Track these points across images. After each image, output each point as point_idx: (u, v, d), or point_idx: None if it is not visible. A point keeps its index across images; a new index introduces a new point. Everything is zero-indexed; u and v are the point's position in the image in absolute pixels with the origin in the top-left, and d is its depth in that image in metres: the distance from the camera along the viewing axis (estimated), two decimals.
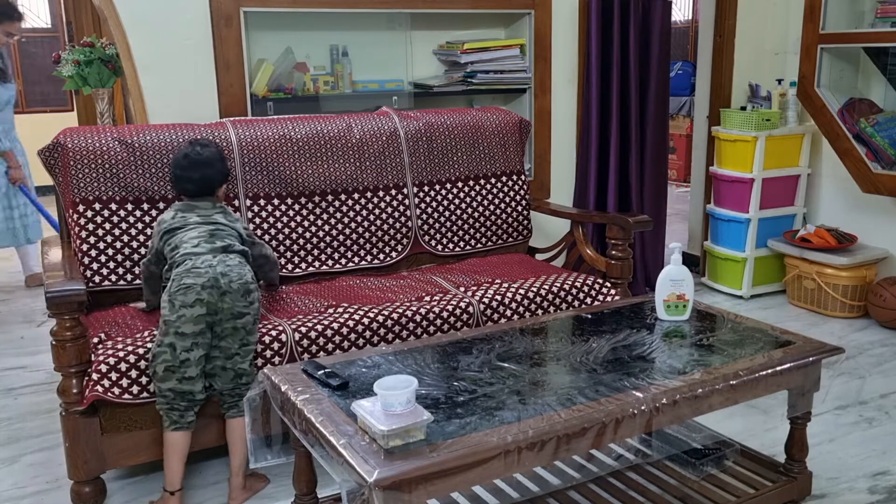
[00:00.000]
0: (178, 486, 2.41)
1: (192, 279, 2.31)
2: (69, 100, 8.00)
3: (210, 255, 2.38)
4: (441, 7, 3.67)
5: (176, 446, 2.37)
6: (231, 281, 2.34)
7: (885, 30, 3.82)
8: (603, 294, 3.06)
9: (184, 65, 3.25)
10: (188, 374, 2.32)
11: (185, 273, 2.33)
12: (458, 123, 3.42)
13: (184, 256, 2.38)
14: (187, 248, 2.40)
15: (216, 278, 2.32)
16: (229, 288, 2.33)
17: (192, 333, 2.30)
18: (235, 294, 2.34)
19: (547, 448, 1.75)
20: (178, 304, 2.30)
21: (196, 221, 2.50)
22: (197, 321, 2.30)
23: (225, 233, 2.49)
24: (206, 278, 2.31)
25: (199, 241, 2.43)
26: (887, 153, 3.91)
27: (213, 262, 2.35)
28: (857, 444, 2.83)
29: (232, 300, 2.34)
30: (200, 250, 2.39)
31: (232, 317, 2.35)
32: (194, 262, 2.35)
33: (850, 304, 4.09)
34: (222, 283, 2.32)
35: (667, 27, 4.14)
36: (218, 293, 2.32)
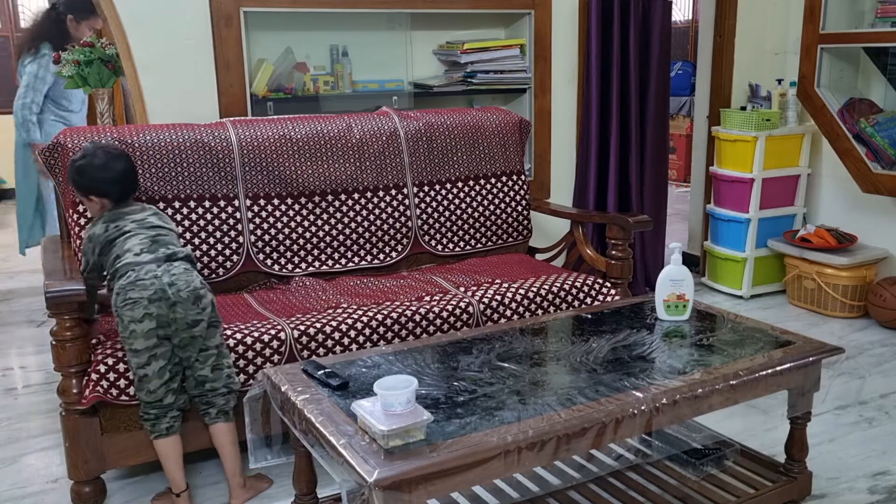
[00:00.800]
0: (182, 487, 2.42)
1: (137, 293, 2.22)
2: None
3: (154, 265, 2.28)
4: (441, 7, 3.67)
5: (164, 453, 2.37)
6: (179, 290, 2.25)
7: (885, 30, 3.82)
8: (603, 294, 3.06)
9: (184, 65, 3.25)
10: (150, 387, 2.29)
11: (129, 286, 2.23)
12: (458, 123, 3.42)
13: (126, 266, 2.27)
14: (128, 258, 2.29)
15: (163, 289, 2.23)
16: (178, 297, 2.25)
17: (144, 349, 2.25)
18: (186, 303, 2.26)
19: (547, 448, 1.75)
20: (126, 319, 2.23)
21: (133, 228, 2.38)
22: (148, 336, 2.24)
23: (166, 238, 2.40)
24: (153, 290, 2.22)
25: (141, 248, 2.32)
26: (887, 153, 3.91)
27: (157, 273, 2.26)
28: (857, 444, 2.83)
29: (184, 309, 2.26)
30: (143, 259, 2.29)
31: (186, 326, 2.28)
32: (138, 274, 2.24)
33: (850, 304, 4.09)
34: (170, 293, 2.24)
35: (667, 27, 4.14)
36: (167, 304, 2.23)
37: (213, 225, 2.93)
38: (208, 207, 2.93)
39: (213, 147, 2.95)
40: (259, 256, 3.01)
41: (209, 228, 2.92)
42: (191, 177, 2.91)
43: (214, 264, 2.92)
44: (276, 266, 3.04)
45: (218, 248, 2.93)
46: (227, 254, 2.94)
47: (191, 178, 2.91)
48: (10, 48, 8.11)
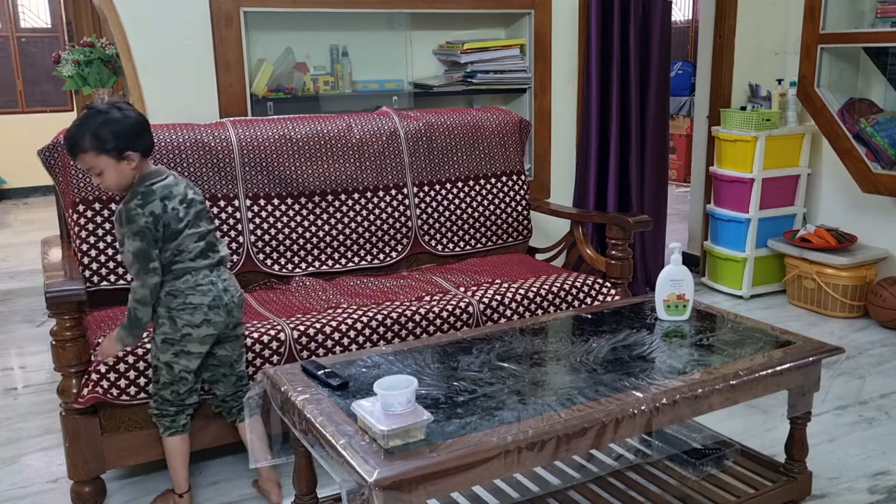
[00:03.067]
0: (185, 488, 2.42)
1: (197, 298, 2.23)
2: (69, 100, 8.00)
3: (207, 270, 2.27)
4: (441, 7, 3.67)
5: (175, 450, 2.37)
6: (233, 296, 2.32)
7: (885, 30, 3.82)
8: (603, 294, 3.06)
9: (184, 65, 3.25)
10: (181, 388, 2.31)
11: (188, 290, 2.22)
12: (458, 123, 3.42)
13: (183, 269, 2.23)
14: (185, 262, 2.23)
15: (220, 296, 2.27)
16: (233, 303, 2.32)
17: (197, 353, 2.29)
18: (238, 308, 2.35)
19: (547, 448, 1.75)
20: (181, 322, 2.22)
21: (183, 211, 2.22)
22: (204, 341, 2.28)
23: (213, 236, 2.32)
24: (211, 297, 2.25)
25: (195, 253, 2.24)
26: (887, 153, 3.90)
27: (213, 279, 2.27)
28: (857, 444, 2.83)
29: (238, 314, 2.36)
30: (198, 265, 2.25)
31: (234, 326, 2.36)
32: (196, 278, 2.24)
33: (850, 304, 4.09)
34: (226, 299, 2.28)
35: (667, 27, 4.14)
36: (225, 311, 2.29)
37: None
38: (208, 207, 2.92)
39: (213, 147, 2.95)
40: (259, 256, 3.01)
41: None
42: (191, 177, 2.91)
43: None
44: (276, 266, 3.03)
45: None
46: None
47: (191, 178, 2.90)
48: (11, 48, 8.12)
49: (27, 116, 8.17)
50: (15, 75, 8.17)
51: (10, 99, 8.18)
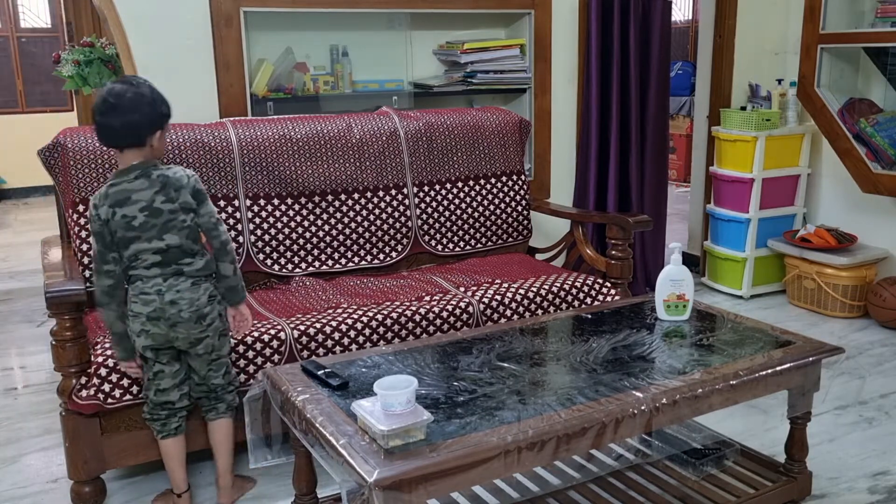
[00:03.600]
0: (184, 488, 2.43)
1: (139, 307, 2.20)
2: (69, 100, 8.00)
3: (160, 279, 2.19)
4: (441, 7, 3.67)
5: (170, 452, 2.38)
6: (181, 310, 2.19)
7: (885, 30, 3.82)
8: (603, 294, 3.06)
9: (184, 65, 3.25)
10: (162, 385, 2.30)
11: (134, 297, 2.21)
12: (458, 123, 3.42)
13: (135, 276, 2.20)
14: (138, 269, 2.19)
15: (163, 308, 2.18)
16: (179, 318, 2.19)
17: (150, 358, 2.27)
18: (187, 323, 2.21)
19: (547, 448, 1.75)
20: (136, 328, 2.22)
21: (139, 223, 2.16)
22: (144, 350, 2.25)
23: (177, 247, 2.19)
24: (153, 308, 2.18)
25: (150, 260, 2.18)
26: (887, 153, 3.90)
27: (161, 288, 2.18)
28: (857, 444, 2.83)
29: (186, 329, 2.22)
30: (151, 274, 2.19)
31: (189, 344, 2.26)
32: (143, 287, 2.19)
33: (850, 304, 4.09)
34: (170, 312, 2.18)
35: (667, 27, 4.14)
36: (167, 325, 2.19)
37: None
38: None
39: (213, 147, 2.95)
40: (259, 256, 3.01)
41: None
42: None
43: None
44: (276, 266, 3.03)
45: None
46: None
47: None
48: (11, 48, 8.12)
49: (27, 116, 8.18)
50: (15, 75, 8.17)
51: (10, 99, 8.18)
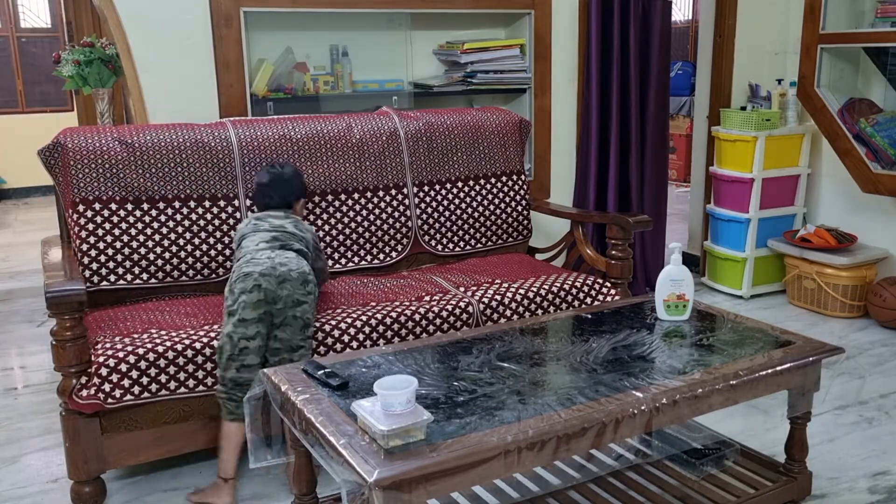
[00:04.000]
0: (231, 475, 2.44)
1: (250, 268, 2.40)
2: (69, 100, 8.00)
3: (267, 250, 2.48)
4: (441, 7, 3.67)
5: (232, 437, 2.41)
6: (290, 270, 2.42)
7: (885, 30, 3.82)
8: (603, 294, 3.06)
9: (184, 65, 3.25)
10: (247, 361, 2.36)
11: (244, 263, 2.43)
12: (458, 123, 3.42)
13: (245, 252, 2.50)
14: (249, 247, 2.52)
15: (274, 267, 2.40)
16: (288, 276, 2.40)
17: (252, 319, 2.36)
18: (294, 282, 2.41)
19: (547, 448, 1.75)
20: (237, 290, 2.38)
21: (265, 229, 2.60)
22: (256, 306, 2.36)
23: (287, 239, 2.57)
24: (264, 266, 2.39)
25: (260, 241, 2.54)
26: (887, 153, 3.90)
27: (271, 255, 2.45)
28: (857, 444, 2.83)
29: (291, 287, 2.41)
30: (261, 247, 2.50)
31: (292, 304, 2.41)
32: (253, 255, 2.45)
33: (850, 304, 4.09)
34: (280, 271, 2.40)
35: (667, 27, 4.14)
36: (276, 280, 2.38)
37: (213, 225, 2.92)
38: (208, 207, 2.93)
39: (213, 147, 2.95)
40: None
41: (209, 228, 2.92)
42: (191, 177, 2.91)
43: (214, 264, 2.92)
44: None
45: (218, 248, 2.93)
46: (227, 254, 2.94)
47: (191, 178, 2.91)
48: (11, 48, 8.13)
49: (27, 116, 8.18)
50: (15, 75, 8.17)
51: (10, 99, 8.18)
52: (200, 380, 2.44)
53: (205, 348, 2.45)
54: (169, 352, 2.41)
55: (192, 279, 2.90)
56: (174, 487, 2.61)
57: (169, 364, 2.40)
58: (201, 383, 2.45)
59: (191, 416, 2.48)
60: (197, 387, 2.44)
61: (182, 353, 2.42)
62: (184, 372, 2.42)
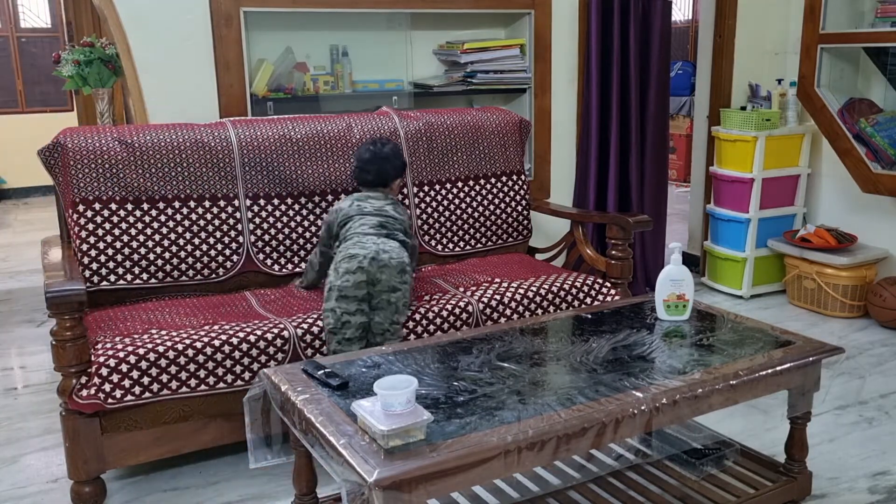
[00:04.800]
0: None
1: (356, 250, 2.60)
2: (69, 100, 8.00)
3: (374, 236, 2.67)
4: (441, 7, 3.67)
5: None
6: (391, 258, 2.60)
7: (885, 30, 3.82)
8: (603, 294, 3.06)
9: (184, 65, 3.25)
10: (347, 335, 2.55)
11: (350, 245, 2.64)
12: (458, 123, 3.42)
13: (352, 234, 2.69)
14: (356, 230, 2.70)
15: (377, 252, 2.59)
16: (388, 263, 2.59)
17: (353, 297, 2.56)
18: (392, 270, 2.59)
19: (547, 448, 1.75)
20: (342, 270, 2.58)
21: (369, 212, 2.77)
22: (358, 286, 2.56)
23: (392, 226, 2.76)
24: (369, 250, 2.59)
25: (367, 226, 2.71)
26: (887, 153, 3.91)
27: (376, 241, 2.64)
28: (857, 444, 2.83)
29: (389, 274, 2.58)
30: (368, 232, 2.69)
31: (388, 289, 2.59)
32: (360, 239, 2.65)
33: (850, 304, 4.09)
34: (382, 257, 2.59)
35: (667, 27, 4.14)
36: (377, 265, 2.57)
37: (213, 225, 2.93)
38: (208, 207, 2.93)
39: (213, 147, 2.95)
40: (259, 256, 3.01)
41: (209, 228, 2.92)
42: (191, 177, 2.91)
43: (214, 264, 2.92)
44: (276, 266, 3.03)
45: (218, 248, 2.93)
46: (227, 254, 2.94)
47: (191, 178, 2.91)
48: (11, 48, 8.13)
49: (27, 116, 8.18)
50: (15, 75, 8.17)
51: (10, 99, 8.18)
52: (202, 379, 2.44)
53: (205, 347, 2.45)
54: (169, 351, 2.41)
55: (192, 279, 2.90)
56: (174, 487, 2.61)
57: (170, 364, 2.40)
58: (203, 383, 2.45)
59: (191, 416, 2.48)
60: (198, 386, 2.44)
61: (183, 353, 2.42)
62: (185, 371, 2.42)
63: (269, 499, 2.54)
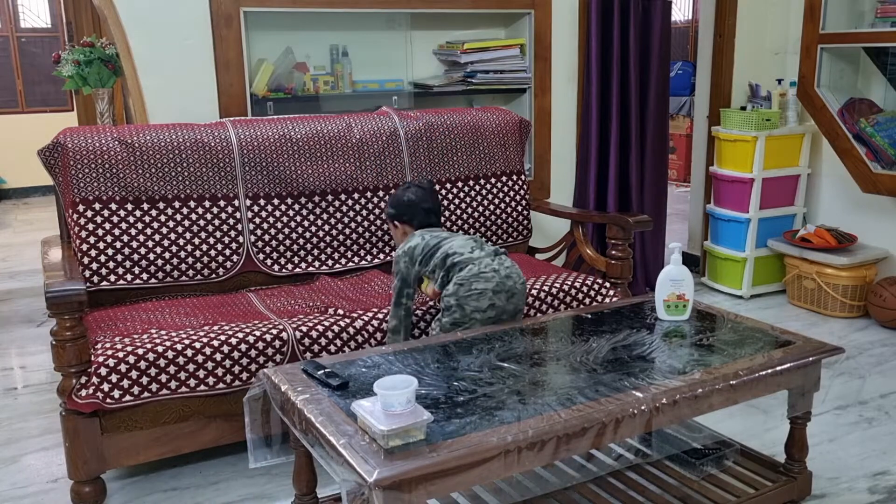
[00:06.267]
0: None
1: (482, 284, 2.40)
2: (69, 100, 8.01)
3: (489, 259, 2.46)
4: (441, 7, 3.67)
5: None
6: (515, 283, 2.46)
7: (885, 30, 3.82)
8: (603, 294, 3.06)
9: (184, 65, 3.25)
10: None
11: (473, 278, 2.41)
12: (458, 123, 3.42)
13: (465, 261, 2.44)
14: (464, 254, 2.46)
15: (503, 282, 2.42)
16: (515, 289, 2.46)
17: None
18: (520, 295, 2.48)
19: (547, 448, 1.75)
20: (469, 308, 2.40)
21: (447, 235, 2.57)
22: (485, 322, 2.42)
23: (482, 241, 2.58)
24: (495, 283, 2.41)
25: (471, 246, 2.50)
26: (887, 153, 3.91)
27: (495, 266, 2.44)
28: (857, 444, 2.83)
29: (517, 301, 2.48)
30: (477, 255, 2.46)
31: (513, 314, 2.47)
32: (479, 267, 2.42)
33: (850, 304, 4.09)
34: (508, 285, 2.44)
35: (667, 27, 4.14)
36: (506, 296, 2.44)
37: (213, 225, 2.93)
38: (208, 207, 2.93)
39: (213, 147, 2.96)
40: (259, 256, 3.01)
41: (209, 228, 2.92)
42: (191, 177, 2.91)
43: (214, 264, 2.92)
44: (276, 266, 3.04)
45: (218, 248, 2.93)
46: (227, 254, 2.94)
47: (191, 178, 2.91)
48: (11, 48, 8.13)
49: (27, 116, 8.18)
50: (15, 75, 8.17)
51: (10, 99, 8.18)
52: (201, 379, 2.44)
53: (205, 347, 2.45)
54: (168, 351, 2.41)
55: (192, 279, 2.90)
56: (174, 487, 2.61)
57: (169, 364, 2.40)
58: (202, 383, 2.45)
59: (191, 416, 2.48)
60: (197, 387, 2.44)
61: (182, 353, 2.42)
62: (184, 371, 2.42)
63: (269, 499, 2.54)
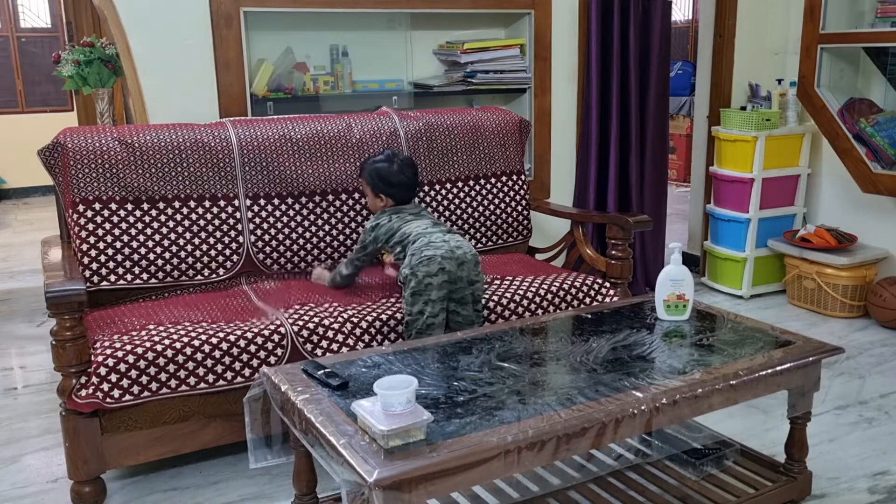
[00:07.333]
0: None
1: (431, 251, 2.59)
2: (69, 100, 8.00)
3: (440, 234, 2.67)
4: (441, 7, 3.66)
5: None
6: (465, 252, 2.64)
7: (885, 30, 3.82)
8: (603, 294, 3.06)
9: (184, 65, 3.25)
10: (434, 333, 2.55)
11: (423, 247, 2.61)
12: (458, 123, 3.42)
13: (419, 235, 2.66)
14: (418, 230, 2.69)
15: (451, 250, 2.60)
16: (465, 258, 2.62)
17: (438, 299, 2.58)
18: (470, 263, 2.64)
19: (547, 448, 1.75)
20: (421, 274, 2.57)
21: (411, 217, 2.77)
22: (441, 287, 2.58)
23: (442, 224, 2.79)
24: (444, 250, 2.59)
25: (426, 226, 2.72)
26: (887, 153, 3.91)
27: (445, 238, 2.65)
28: (857, 444, 2.83)
29: (468, 270, 2.63)
30: (430, 231, 2.68)
31: (468, 283, 2.65)
32: (430, 238, 2.64)
33: (850, 304, 4.09)
34: (458, 254, 2.61)
35: (667, 27, 4.14)
36: (455, 263, 2.59)
37: (213, 225, 2.93)
38: (208, 207, 2.93)
39: (213, 147, 2.96)
40: (259, 256, 3.01)
41: (209, 228, 2.92)
42: (191, 177, 2.91)
43: (214, 264, 2.92)
44: (276, 266, 3.04)
45: (218, 248, 2.93)
46: (227, 254, 2.94)
47: (191, 178, 2.91)
48: (11, 48, 8.13)
49: (27, 116, 8.18)
50: (15, 75, 8.17)
51: (10, 99, 8.18)
52: (201, 377, 2.44)
53: (203, 345, 2.45)
54: (168, 350, 2.41)
55: (192, 279, 2.90)
56: (174, 487, 2.61)
57: (168, 362, 2.40)
58: (202, 380, 2.45)
59: (191, 416, 2.48)
60: (198, 384, 2.44)
61: (181, 352, 2.42)
62: (183, 370, 2.42)
63: (269, 499, 2.54)
